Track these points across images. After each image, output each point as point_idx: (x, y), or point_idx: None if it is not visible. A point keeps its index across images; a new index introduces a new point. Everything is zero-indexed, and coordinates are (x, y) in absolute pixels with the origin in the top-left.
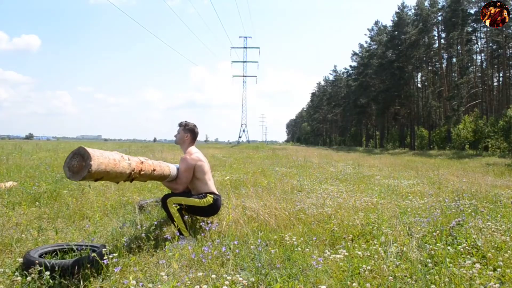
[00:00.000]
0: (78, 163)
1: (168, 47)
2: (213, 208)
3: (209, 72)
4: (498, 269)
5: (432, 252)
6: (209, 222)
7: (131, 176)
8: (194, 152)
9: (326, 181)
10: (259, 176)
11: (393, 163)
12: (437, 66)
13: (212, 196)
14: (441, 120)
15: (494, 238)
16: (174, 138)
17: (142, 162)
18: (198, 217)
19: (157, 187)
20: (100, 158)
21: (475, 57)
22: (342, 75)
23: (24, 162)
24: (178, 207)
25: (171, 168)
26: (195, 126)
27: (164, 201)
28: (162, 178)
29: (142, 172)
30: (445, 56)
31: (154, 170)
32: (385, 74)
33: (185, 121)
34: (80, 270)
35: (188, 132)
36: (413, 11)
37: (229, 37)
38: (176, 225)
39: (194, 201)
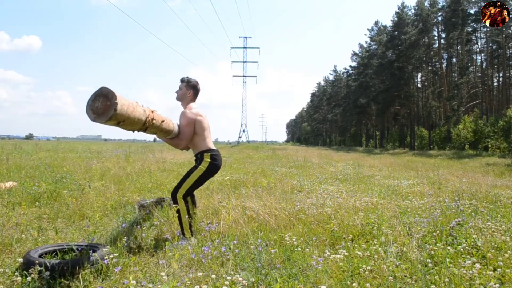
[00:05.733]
0: (102, 104)
1: (168, 47)
2: (214, 165)
3: (209, 72)
4: (498, 269)
5: (432, 252)
6: (209, 222)
7: (146, 124)
8: (194, 107)
9: (326, 181)
10: (259, 176)
11: (393, 163)
12: (437, 66)
13: (208, 154)
14: (441, 120)
15: (494, 238)
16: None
17: (153, 111)
18: (199, 217)
19: (157, 187)
20: (122, 99)
21: (475, 57)
22: (342, 75)
23: (24, 162)
24: (184, 206)
25: (174, 124)
26: (197, 82)
27: (174, 196)
28: (168, 132)
29: (154, 121)
30: (445, 56)
31: (163, 121)
32: (385, 74)
33: (187, 77)
34: (80, 270)
35: (191, 89)
36: (413, 11)
37: (229, 37)
38: (180, 223)
39: (195, 174)
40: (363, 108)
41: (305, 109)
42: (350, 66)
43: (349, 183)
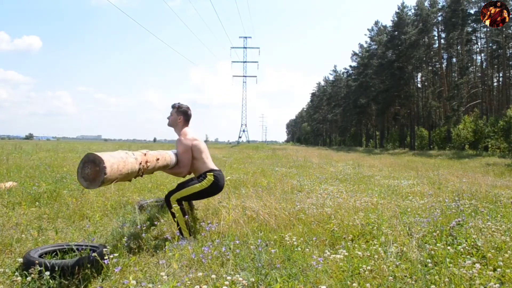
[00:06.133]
0: (91, 170)
1: (168, 47)
2: (216, 186)
3: (209, 72)
4: (498, 269)
5: (432, 252)
6: (209, 222)
7: (140, 171)
8: (188, 133)
9: (326, 181)
10: (259, 176)
11: (393, 163)
12: (437, 66)
13: (212, 173)
14: (441, 120)
15: (494, 238)
16: (167, 120)
17: (145, 154)
18: (199, 218)
19: (157, 187)
20: (111, 159)
21: (475, 57)
22: (342, 75)
23: (24, 162)
24: (178, 206)
25: (170, 155)
26: (188, 108)
27: (167, 199)
28: (166, 166)
29: (148, 164)
30: (445, 56)
31: (158, 159)
32: (385, 74)
33: (178, 103)
34: (80, 270)
35: (181, 115)
36: (413, 11)
37: (229, 37)
38: (177, 225)
39: (195, 187)
40: (363, 108)
41: (305, 109)
42: (350, 66)
43: (349, 183)
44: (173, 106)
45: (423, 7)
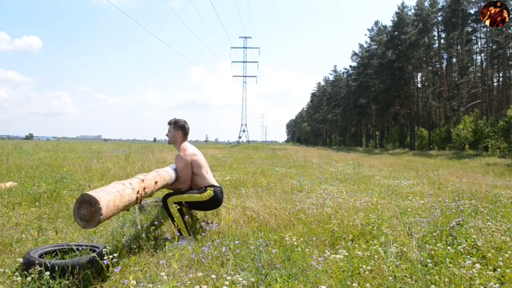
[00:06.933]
0: (87, 210)
1: (168, 47)
2: (215, 201)
3: (209, 72)
4: (498, 269)
5: (432, 252)
6: (209, 222)
7: (138, 199)
8: (188, 148)
9: (326, 181)
10: (259, 176)
11: (393, 163)
12: (437, 66)
13: (212, 189)
14: (441, 120)
15: (494, 238)
16: (166, 138)
17: (143, 180)
18: (199, 218)
19: None
20: (106, 196)
21: (475, 57)
22: (342, 75)
23: (24, 162)
24: (178, 207)
25: (169, 173)
26: (185, 122)
27: (164, 201)
28: (165, 186)
29: (146, 190)
30: (445, 56)
31: (156, 182)
32: (385, 74)
33: (174, 119)
34: (80, 271)
35: (179, 129)
36: (413, 11)
37: (229, 37)
38: (176, 225)
39: (194, 196)
40: (363, 108)
41: (305, 109)
42: (350, 66)
43: (349, 183)
44: (169, 123)
45: (423, 7)
